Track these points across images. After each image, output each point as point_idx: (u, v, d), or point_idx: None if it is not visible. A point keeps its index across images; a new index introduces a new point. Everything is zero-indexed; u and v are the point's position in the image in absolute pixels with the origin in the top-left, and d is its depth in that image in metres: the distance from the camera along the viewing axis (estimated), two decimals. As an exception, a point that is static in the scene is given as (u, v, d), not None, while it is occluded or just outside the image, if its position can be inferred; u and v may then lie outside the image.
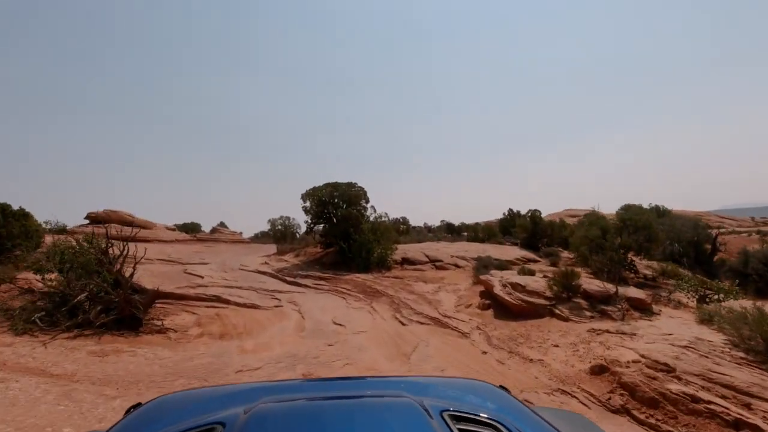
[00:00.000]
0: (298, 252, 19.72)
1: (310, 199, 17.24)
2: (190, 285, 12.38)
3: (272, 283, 13.72)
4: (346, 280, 13.90)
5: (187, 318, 10.11)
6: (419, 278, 13.90)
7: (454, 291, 11.65)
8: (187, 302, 11.28)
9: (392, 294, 11.67)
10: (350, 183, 17.87)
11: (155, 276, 13.39)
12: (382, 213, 18.09)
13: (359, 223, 16.37)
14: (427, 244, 19.67)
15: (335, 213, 17.28)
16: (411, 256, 16.35)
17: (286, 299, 11.71)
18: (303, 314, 10.07)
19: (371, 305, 11.03)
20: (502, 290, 8.85)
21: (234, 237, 35.42)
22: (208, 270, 15.08)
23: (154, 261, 16.48)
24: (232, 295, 11.93)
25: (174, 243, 30.08)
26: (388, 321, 9.36)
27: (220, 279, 13.58)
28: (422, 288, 12.37)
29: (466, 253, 16.82)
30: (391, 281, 13.52)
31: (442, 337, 7.86)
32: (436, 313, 9.45)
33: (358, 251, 15.51)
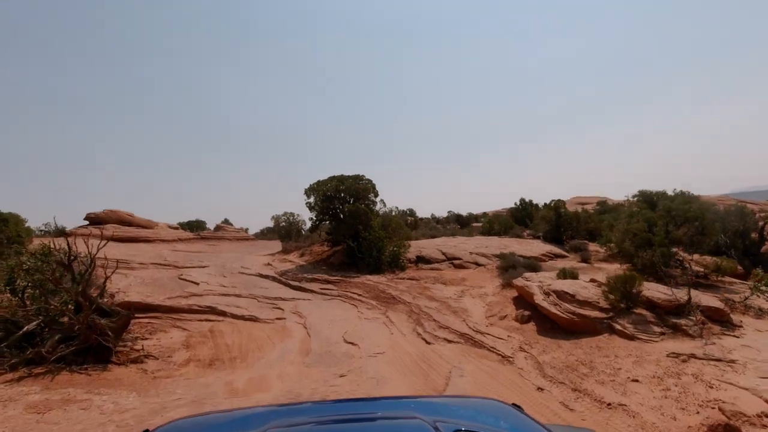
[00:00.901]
0: (304, 251, 18.25)
1: (314, 194, 15.72)
2: (182, 294, 10.95)
3: (275, 289, 12.26)
4: (356, 284, 12.40)
5: (176, 336, 8.69)
6: (437, 280, 12.37)
7: (480, 296, 10.11)
8: (179, 315, 9.85)
9: (410, 301, 10.16)
10: (357, 176, 16.31)
11: (146, 285, 11.97)
12: (392, 207, 16.50)
13: (368, 218, 14.83)
14: (442, 239, 18.11)
15: (342, 209, 15.75)
16: (426, 254, 14.82)
17: (289, 309, 10.25)
18: (309, 329, 8.59)
19: (387, 315, 9.53)
20: (545, 300, 7.30)
21: (238, 234, 34.09)
22: (205, 275, 13.65)
23: (147, 266, 15.09)
24: (229, 305, 10.49)
25: (176, 242, 28.77)
26: (409, 337, 7.85)
27: (217, 286, 12.14)
28: (443, 292, 10.84)
29: (486, 249, 15.25)
30: (407, 284, 12.00)
31: (478, 361, 6.34)
32: (465, 326, 7.93)
33: (368, 250, 14.00)
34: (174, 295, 10.80)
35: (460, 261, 14.12)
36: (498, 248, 15.32)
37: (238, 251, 23.21)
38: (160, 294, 10.93)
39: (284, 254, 19.42)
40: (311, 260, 16.48)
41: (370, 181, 16.36)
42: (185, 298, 10.70)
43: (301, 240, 20.95)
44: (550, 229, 17.34)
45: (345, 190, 15.84)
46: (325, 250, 17.55)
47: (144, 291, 11.10)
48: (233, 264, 16.27)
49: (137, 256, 16.50)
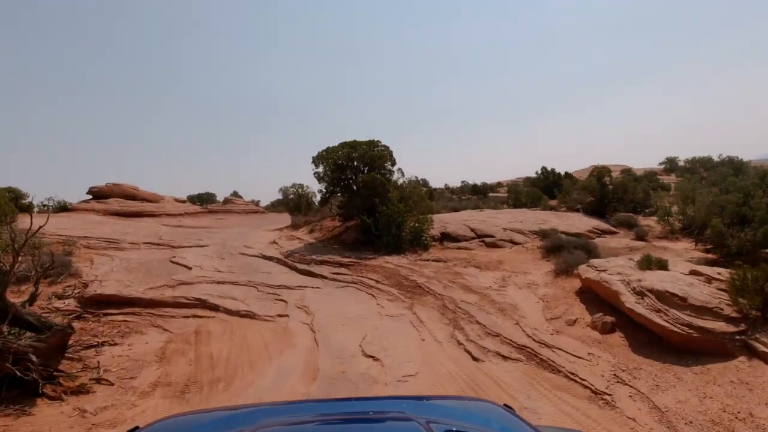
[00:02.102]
0: (313, 226, 16.30)
1: (323, 163, 13.59)
2: (169, 283, 9.09)
3: (279, 274, 10.36)
4: (373, 267, 10.43)
5: (153, 340, 6.87)
6: (469, 262, 10.33)
7: (528, 287, 8.05)
8: (162, 310, 8.01)
9: (441, 292, 8.16)
10: (371, 142, 14.08)
11: (129, 270, 10.15)
12: (411, 177, 14.31)
13: (386, 190, 12.71)
14: (468, 213, 15.96)
15: (354, 179, 13.63)
16: (452, 231, 12.73)
17: (294, 301, 8.34)
18: (317, 332, 6.67)
19: (413, 310, 7.57)
20: (640, 304, 5.19)
21: (247, 207, 32.38)
22: (201, 257, 11.80)
23: (139, 246, 13.30)
24: (223, 296, 8.62)
25: (182, 216, 27.19)
26: (447, 347, 5.88)
27: (212, 271, 10.27)
28: (479, 280, 8.81)
29: (521, 224, 13.09)
30: (434, 268, 9.98)
31: (556, 395, 4.34)
32: (521, 333, 5.91)
33: (386, 226, 11.95)
34: (158, 284, 8.96)
35: (493, 239, 12.02)
36: (535, 223, 13.15)
37: (244, 226, 21.40)
38: (143, 282, 9.10)
39: (292, 230, 17.52)
40: (321, 237, 14.53)
41: (386, 148, 14.15)
42: (172, 288, 8.85)
43: (312, 214, 18.99)
44: (594, 201, 14.98)
45: (358, 158, 13.68)
46: (336, 226, 15.57)
47: (125, 279, 9.28)
48: (235, 242, 14.40)
49: (130, 234, 14.73)
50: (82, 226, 15.48)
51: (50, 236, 13.41)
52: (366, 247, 12.43)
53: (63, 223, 15.70)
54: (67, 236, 13.43)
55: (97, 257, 11.63)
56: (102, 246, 12.86)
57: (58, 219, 16.82)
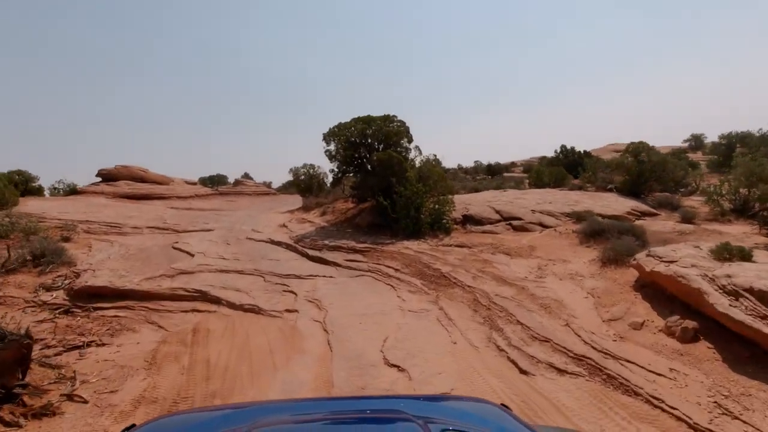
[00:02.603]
0: (326, 208, 15.32)
1: (334, 140, 12.49)
2: (167, 272, 8.22)
3: (288, 261, 9.43)
4: (391, 254, 9.43)
5: (145, 339, 6.02)
6: (497, 248, 9.26)
7: (571, 277, 6.97)
8: (159, 304, 7.15)
9: (470, 283, 7.13)
10: (387, 117, 12.90)
11: (127, 258, 9.32)
12: (429, 155, 13.14)
13: (403, 169, 11.60)
14: (491, 193, 14.79)
15: (369, 157, 12.54)
16: (475, 213, 11.63)
17: (304, 293, 7.40)
18: (330, 333, 5.72)
19: (439, 305, 6.58)
20: (735, 308, 4.09)
21: (258, 189, 31.51)
22: (205, 242, 10.92)
23: (142, 230, 12.48)
24: (226, 286, 7.72)
25: (192, 198, 26.47)
26: (485, 354, 4.89)
27: (216, 258, 9.38)
28: (512, 269, 7.75)
29: (550, 205, 11.92)
30: (458, 254, 8.94)
31: (639, 429, 3.32)
32: (573, 337, 4.88)
33: (404, 209, 10.89)
34: (156, 274, 8.09)
35: (521, 222, 10.89)
36: (566, 204, 11.96)
37: (254, 208, 20.54)
38: (140, 272, 8.24)
39: (304, 212, 16.59)
40: (334, 220, 13.55)
41: (402, 123, 12.97)
42: (170, 278, 7.98)
43: (323, 195, 18.01)
44: (630, 179, 13.62)
45: (373, 134, 12.55)
46: (349, 208, 14.57)
47: (121, 268, 8.44)
48: (243, 226, 13.51)
49: (134, 218, 13.93)
50: (85, 209, 14.74)
51: (50, 220, 12.69)
52: (382, 231, 11.42)
53: (67, 207, 14.98)
54: (68, 220, 12.68)
55: (97, 243, 10.83)
56: (103, 231, 12.07)
57: (62, 202, 16.13)
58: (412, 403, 1.68)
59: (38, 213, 13.37)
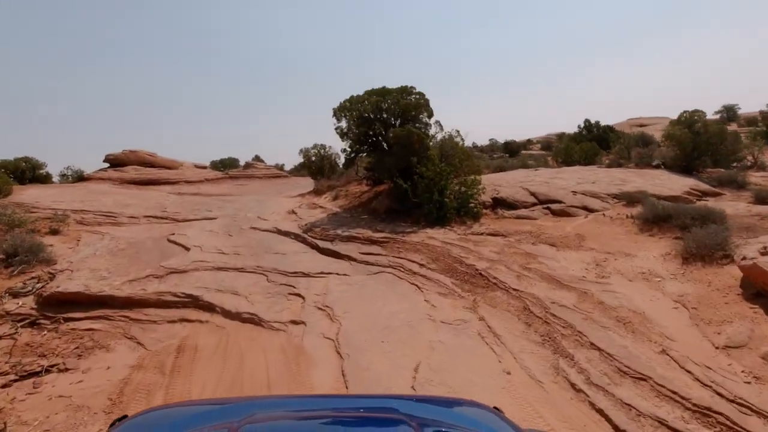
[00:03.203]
0: (338, 192, 13.98)
1: (346, 115, 11.03)
2: (156, 272, 7.01)
3: (296, 255, 8.16)
4: (414, 245, 8.08)
5: (117, 363, 4.86)
6: (537, 237, 7.83)
7: (643, 277, 5.53)
8: (142, 312, 5.97)
9: (514, 284, 5.76)
10: (404, 88, 11.35)
11: (115, 253, 8.16)
12: (451, 131, 11.56)
13: (424, 147, 10.14)
14: (522, 173, 13.22)
15: (385, 135, 11.07)
16: (507, 195, 10.15)
17: (314, 297, 6.13)
18: (345, 357, 4.44)
19: (478, 314, 5.25)
20: None
21: (269, 172, 30.28)
22: (205, 234, 9.72)
23: (139, 220, 11.34)
24: (223, 289, 6.50)
25: (202, 183, 25.42)
26: (554, 394, 3.55)
27: (214, 252, 8.16)
28: (562, 264, 6.33)
29: (593, 186, 10.34)
30: (494, 246, 7.55)
31: None
32: (682, 375, 3.49)
33: (427, 192, 9.48)
34: (143, 275, 6.89)
35: (561, 205, 9.38)
36: (611, 184, 10.38)
37: (264, 192, 19.36)
38: (125, 272, 7.06)
39: (315, 196, 15.29)
40: (347, 205, 12.22)
41: (421, 96, 11.40)
42: (159, 279, 6.77)
43: (335, 177, 16.66)
44: (679, 154, 11.87)
45: (388, 109, 11.03)
46: (363, 191, 13.20)
47: (104, 267, 7.27)
48: (249, 213, 12.28)
49: (132, 206, 12.80)
50: (82, 197, 13.68)
51: (43, 210, 11.64)
52: (401, 218, 10.05)
53: (63, 195, 13.94)
54: (61, 210, 11.62)
55: (87, 235, 9.72)
56: (97, 221, 10.97)
57: (60, 190, 15.12)
58: (406, 404, 1.65)
59: (31, 202, 12.34)
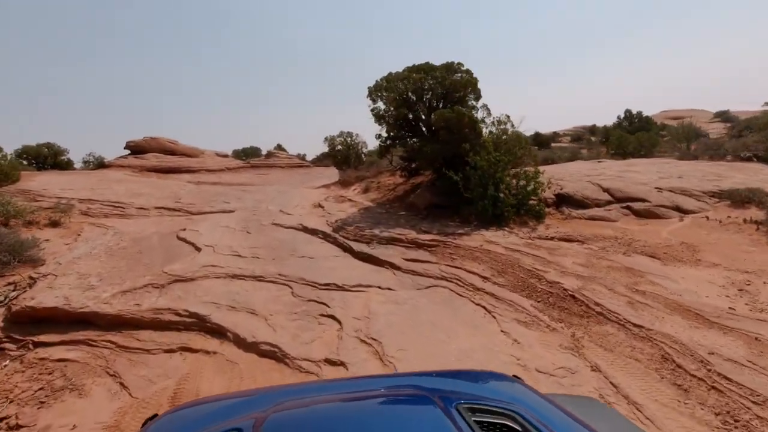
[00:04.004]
0: (368, 183, 12.44)
1: (383, 95, 9.42)
2: (155, 280, 5.61)
3: (326, 259, 6.67)
4: (470, 251, 6.49)
5: (87, 418, 3.49)
6: (627, 245, 6.14)
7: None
8: (133, 336, 4.57)
9: (628, 315, 4.11)
10: (449, 64, 9.66)
11: (112, 254, 6.81)
12: (500, 116, 9.79)
13: (477, 133, 8.47)
14: (584, 165, 11.39)
15: (426, 118, 9.43)
16: (573, 191, 8.42)
17: (353, 323, 4.62)
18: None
19: (587, 360, 3.63)
20: None
21: (291, 161, 28.97)
22: (220, 229, 8.32)
23: (149, 212, 10.05)
24: (237, 305, 5.05)
25: (222, 172, 24.33)
26: None
27: (228, 254, 6.73)
28: (682, 286, 4.65)
29: (681, 181, 8.50)
30: (575, 255, 5.90)
31: None
32: None
33: (480, 186, 7.85)
34: (140, 284, 5.50)
35: (645, 205, 7.61)
36: (704, 179, 8.51)
37: (286, 182, 18.01)
38: (120, 278, 5.69)
39: (341, 187, 13.80)
40: (380, 199, 10.68)
41: (469, 73, 9.68)
42: (159, 290, 5.37)
43: (363, 168, 15.11)
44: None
45: (431, 88, 9.37)
46: (398, 183, 11.63)
47: (95, 272, 5.92)
48: (270, 205, 10.87)
49: (144, 196, 11.54)
50: (93, 185, 12.53)
51: (48, 199, 10.48)
52: (446, 215, 8.46)
53: (74, 183, 12.82)
54: (68, 199, 10.44)
55: (89, 229, 8.46)
56: (103, 212, 9.73)
57: (71, 177, 14.03)
58: (426, 379, 1.63)
59: (38, 190, 11.22)
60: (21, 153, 23.48)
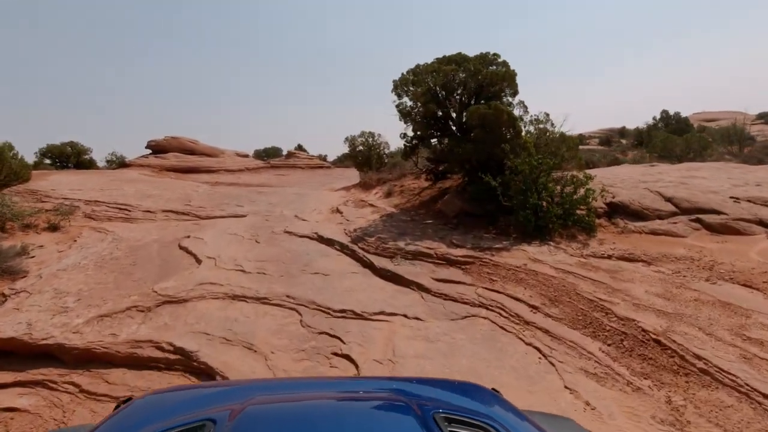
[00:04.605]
0: (391, 187, 11.44)
1: (409, 90, 8.41)
2: (142, 301, 4.75)
3: (342, 277, 5.69)
4: (512, 272, 5.41)
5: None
6: (709, 269, 4.96)
7: None
8: (103, 376, 3.67)
9: (757, 385, 2.98)
10: (484, 55, 8.57)
11: (102, 265, 6.01)
12: (539, 114, 8.59)
13: (516, 132, 7.37)
14: (636, 169, 10.09)
15: (457, 116, 8.37)
16: (628, 200, 7.21)
17: (372, 366, 3.61)
18: None
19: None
20: None
21: (312, 162, 28.29)
22: (227, 237, 7.48)
23: (156, 215, 9.31)
24: (233, 337, 4.13)
25: (241, 172, 23.84)
26: None
27: (231, 268, 5.83)
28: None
29: (760, 189, 7.18)
30: (646, 281, 4.75)
31: None
32: None
33: (521, 192, 6.75)
34: (122, 306, 4.64)
35: (721, 218, 6.35)
36: (787, 188, 7.16)
37: (305, 184, 17.22)
38: (101, 298, 4.85)
39: (362, 190, 12.86)
40: (404, 204, 9.66)
41: (505, 66, 8.56)
42: (144, 315, 4.50)
43: (386, 170, 14.12)
44: None
45: (462, 82, 8.30)
46: (423, 188, 10.59)
47: (76, 289, 5.11)
48: (285, 209, 10.00)
49: (153, 198, 10.87)
50: (104, 185, 11.96)
51: (55, 200, 9.91)
52: (479, 225, 7.39)
53: (86, 182, 12.29)
54: (74, 200, 9.84)
55: (89, 234, 7.76)
56: (107, 215, 9.05)
57: (84, 176, 13.55)
58: (406, 385, 1.59)
59: (46, 190, 10.69)
60: (45, 152, 23.53)
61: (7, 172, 11.21)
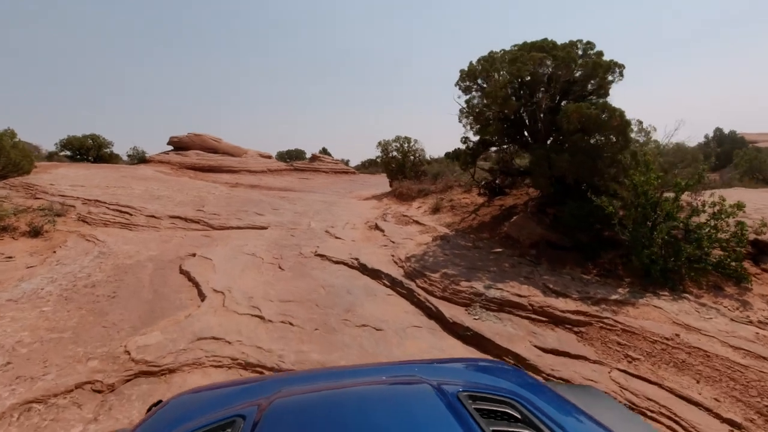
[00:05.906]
0: (438, 201, 9.64)
1: (479, 83, 6.63)
2: (104, 373, 3.07)
3: (402, 332, 3.91)
4: (659, 343, 3.54)
5: None
6: None
7: None
8: None
9: None
10: (571, 44, 6.73)
11: (73, 296, 4.38)
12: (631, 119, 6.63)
13: (624, 141, 5.50)
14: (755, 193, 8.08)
15: (540, 118, 6.55)
16: (785, 239, 5.22)
17: None
18: None
19: None
20: None
21: (336, 167, 26.77)
22: (243, 258, 5.80)
23: (160, 221, 7.73)
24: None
25: (264, 174, 22.46)
26: None
27: (245, 313, 4.13)
28: None
29: None
30: None
31: None
32: None
33: (642, 223, 4.88)
34: (70, 383, 2.94)
35: None
36: None
37: (330, 190, 15.59)
38: (44, 361, 3.19)
39: (398, 201, 11.12)
40: (459, 224, 7.86)
41: (600, 55, 6.69)
42: (97, 404, 2.81)
43: (427, 180, 12.34)
44: None
45: (552, 75, 6.48)
46: (479, 204, 8.77)
47: (12, 342, 3.47)
48: (313, 221, 8.31)
49: (162, 199, 9.33)
50: (110, 183, 10.53)
51: (50, 197, 8.50)
52: (569, 259, 5.53)
53: (91, 178, 10.90)
54: (73, 198, 8.38)
55: (74, 243, 6.20)
56: (104, 219, 7.51)
57: (90, 171, 12.19)
58: (427, 367, 1.59)
59: (44, 186, 9.28)
60: (66, 143, 22.63)
61: (4, 163, 9.88)
